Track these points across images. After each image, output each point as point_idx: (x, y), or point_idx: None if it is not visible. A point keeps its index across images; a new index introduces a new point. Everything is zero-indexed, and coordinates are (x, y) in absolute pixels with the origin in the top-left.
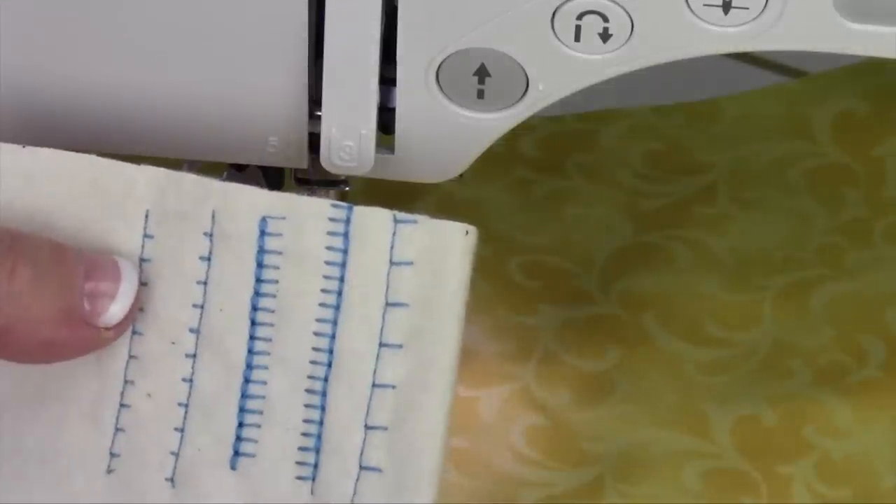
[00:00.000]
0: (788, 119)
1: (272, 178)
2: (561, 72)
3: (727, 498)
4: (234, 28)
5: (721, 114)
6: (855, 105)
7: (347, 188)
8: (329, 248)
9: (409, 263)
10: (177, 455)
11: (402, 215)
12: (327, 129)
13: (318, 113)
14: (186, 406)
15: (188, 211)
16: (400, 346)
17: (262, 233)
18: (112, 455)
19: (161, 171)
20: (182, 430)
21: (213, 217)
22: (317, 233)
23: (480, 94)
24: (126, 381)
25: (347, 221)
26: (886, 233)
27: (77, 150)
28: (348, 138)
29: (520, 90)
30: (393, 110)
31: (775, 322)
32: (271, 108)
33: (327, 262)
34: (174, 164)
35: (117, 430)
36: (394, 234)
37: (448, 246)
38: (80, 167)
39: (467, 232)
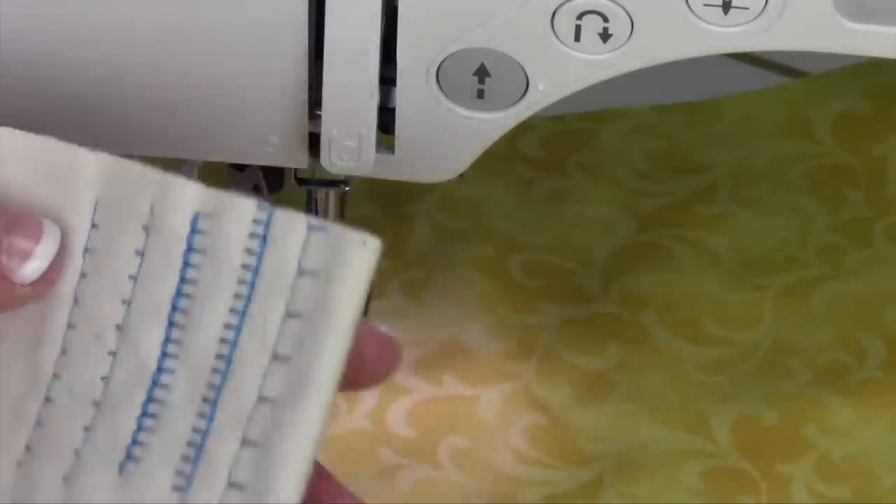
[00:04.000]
0: (789, 119)
1: (272, 178)
2: (561, 72)
3: (727, 497)
4: (234, 28)
5: (721, 114)
6: (855, 105)
7: (347, 188)
8: (248, 250)
9: (311, 273)
10: (78, 454)
11: (315, 222)
12: (327, 129)
13: (318, 113)
14: (99, 405)
15: (130, 201)
16: (288, 359)
17: (193, 230)
18: (26, 449)
19: (110, 158)
20: (89, 430)
21: (151, 209)
22: (238, 235)
23: (480, 94)
24: (54, 375)
25: (267, 224)
26: (887, 233)
27: None
28: (348, 138)
29: (520, 90)
30: (393, 110)
31: (775, 322)
32: (271, 108)
33: (243, 266)
34: (174, 163)
35: (37, 423)
36: (306, 241)
37: (344, 257)
38: (36, 149)
39: (365, 242)
